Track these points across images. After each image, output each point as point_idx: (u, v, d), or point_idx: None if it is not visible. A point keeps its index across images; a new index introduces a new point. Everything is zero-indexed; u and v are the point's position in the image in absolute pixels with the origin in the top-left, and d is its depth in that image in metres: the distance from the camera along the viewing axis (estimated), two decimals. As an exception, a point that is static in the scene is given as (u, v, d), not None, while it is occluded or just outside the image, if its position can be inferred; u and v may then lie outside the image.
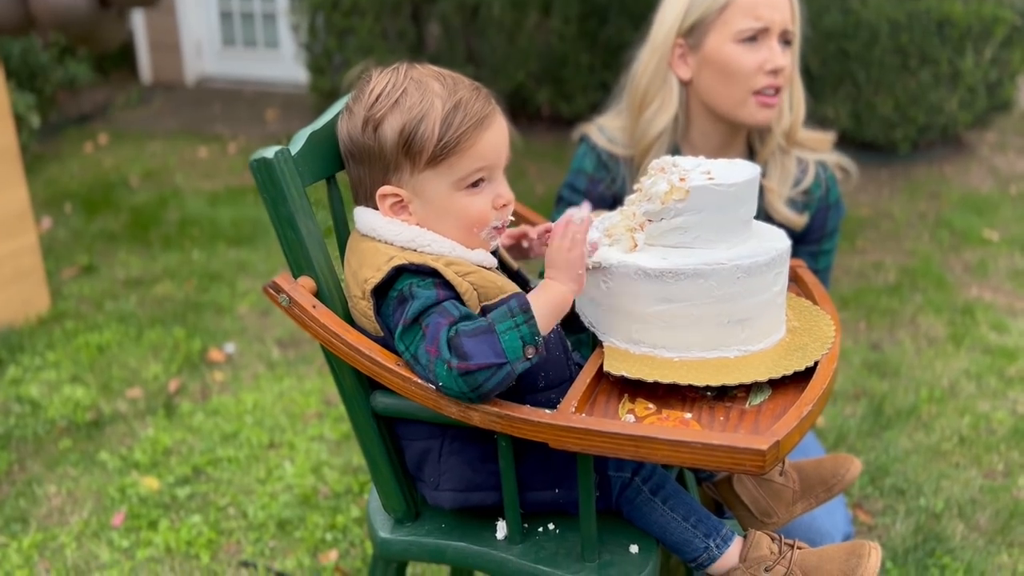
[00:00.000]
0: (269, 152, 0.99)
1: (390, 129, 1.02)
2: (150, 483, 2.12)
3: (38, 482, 2.13)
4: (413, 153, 1.02)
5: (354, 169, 1.08)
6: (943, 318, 2.97)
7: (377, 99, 1.03)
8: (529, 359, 0.93)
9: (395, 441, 1.13)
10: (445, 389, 0.94)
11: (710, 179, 1.04)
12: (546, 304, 0.97)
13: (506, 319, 0.93)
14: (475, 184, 1.04)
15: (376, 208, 1.06)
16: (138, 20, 6.43)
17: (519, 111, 5.31)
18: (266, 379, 2.59)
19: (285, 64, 6.46)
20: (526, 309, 0.94)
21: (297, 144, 1.05)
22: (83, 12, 2.74)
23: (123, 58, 6.64)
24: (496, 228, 1.06)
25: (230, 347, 2.77)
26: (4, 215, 2.79)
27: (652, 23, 1.58)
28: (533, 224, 1.27)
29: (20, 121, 4.00)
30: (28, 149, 4.16)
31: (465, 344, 0.92)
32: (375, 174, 1.05)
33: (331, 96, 5.23)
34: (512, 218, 1.10)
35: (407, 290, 0.98)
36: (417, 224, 1.04)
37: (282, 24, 6.36)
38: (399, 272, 0.99)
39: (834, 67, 4.50)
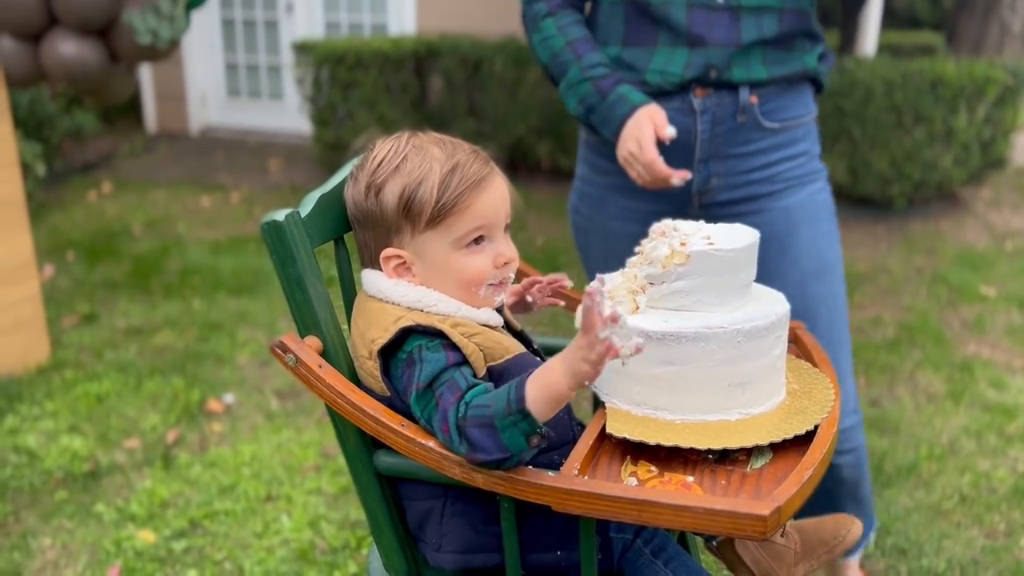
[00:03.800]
0: (279, 215, 1.02)
1: (391, 193, 1.05)
2: (146, 536, 2.10)
3: (32, 534, 2.11)
4: (413, 215, 1.05)
5: (360, 233, 1.11)
6: (942, 374, 2.98)
7: (379, 165, 1.07)
8: (535, 447, 0.93)
9: (397, 501, 1.13)
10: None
11: (710, 244, 1.06)
12: (544, 400, 0.91)
13: (505, 416, 0.91)
14: (475, 242, 1.07)
15: (381, 270, 1.08)
16: (145, 71, 6.54)
17: (519, 164, 5.38)
18: (264, 430, 2.59)
19: (289, 115, 6.56)
20: (522, 408, 0.90)
21: (307, 206, 1.07)
22: (94, 66, 2.79)
23: (129, 108, 6.74)
24: (493, 285, 1.08)
25: (229, 397, 2.77)
26: (8, 264, 2.81)
27: None
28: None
29: (26, 170, 4.05)
30: (33, 197, 4.21)
31: (472, 435, 0.92)
32: (379, 237, 1.08)
33: (334, 147, 5.31)
34: (511, 275, 1.12)
35: (416, 353, 0.99)
36: (420, 284, 1.07)
37: (286, 76, 6.48)
38: (406, 333, 1.01)
39: (831, 124, 4.58)
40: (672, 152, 1.52)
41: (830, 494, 1.72)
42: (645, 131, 1.45)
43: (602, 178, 1.66)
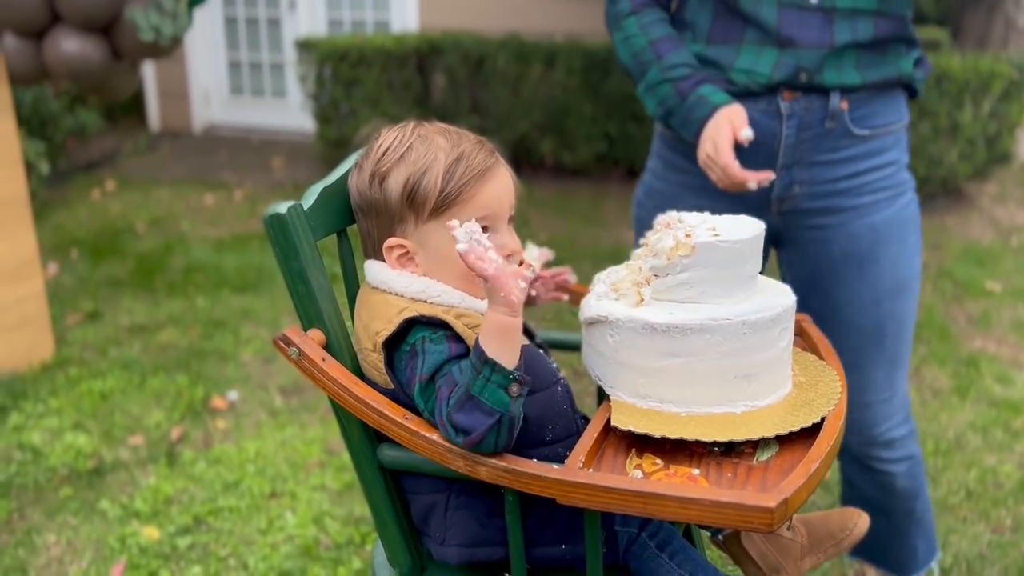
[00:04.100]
0: (282, 207, 1.01)
1: (395, 182, 1.05)
2: (150, 533, 2.10)
3: (37, 531, 2.11)
4: (417, 204, 1.05)
5: (363, 223, 1.11)
6: (947, 370, 2.97)
7: (384, 154, 1.07)
8: (519, 395, 0.93)
9: (401, 495, 1.13)
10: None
11: (715, 235, 1.05)
12: (494, 338, 0.92)
13: (475, 378, 0.91)
14: None
15: (384, 261, 1.08)
16: (148, 69, 6.54)
17: (523, 161, 5.37)
18: (268, 427, 2.58)
19: (292, 113, 6.55)
20: (485, 359, 0.91)
21: (309, 199, 1.07)
22: (97, 64, 2.79)
23: (132, 106, 6.74)
24: None
25: (233, 394, 2.77)
26: (12, 262, 2.81)
27: None
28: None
29: (30, 168, 4.05)
30: (37, 196, 4.21)
31: (458, 419, 0.92)
32: (382, 226, 1.08)
33: (337, 145, 5.30)
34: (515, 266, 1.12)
35: (419, 345, 0.99)
36: (424, 275, 1.06)
37: (289, 74, 6.47)
38: (410, 324, 1.00)
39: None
40: (754, 156, 1.47)
41: (884, 507, 1.70)
42: (723, 132, 1.41)
43: (676, 175, 1.60)
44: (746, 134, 1.40)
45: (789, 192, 1.52)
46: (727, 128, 1.41)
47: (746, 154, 1.45)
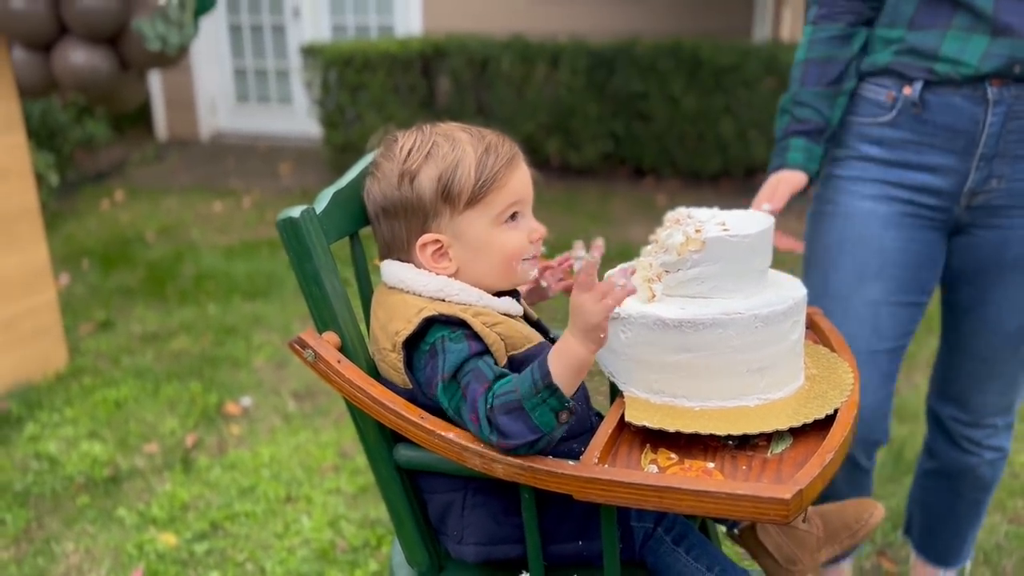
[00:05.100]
0: (295, 211, 1.02)
1: (427, 179, 1.07)
2: (168, 539, 2.11)
3: (56, 540, 2.13)
4: (452, 197, 1.06)
5: (387, 226, 1.11)
6: (959, 361, 2.96)
7: (409, 154, 1.09)
8: (564, 423, 0.94)
9: (418, 494, 1.14)
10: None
11: (725, 230, 1.06)
12: (568, 369, 0.93)
13: (532, 395, 0.92)
14: (511, 218, 1.09)
15: (410, 262, 1.09)
16: (155, 78, 6.58)
17: (528, 161, 5.39)
18: (282, 432, 2.60)
19: (298, 119, 6.58)
20: (549, 383, 0.92)
21: (322, 203, 1.08)
22: (104, 74, 2.81)
23: (139, 116, 6.78)
24: (527, 260, 1.11)
25: (246, 400, 2.78)
26: (25, 273, 2.84)
27: None
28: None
29: (39, 180, 4.08)
30: (47, 207, 4.24)
31: (501, 422, 0.93)
32: (413, 225, 1.09)
33: (344, 149, 5.33)
34: (542, 250, 1.15)
35: (439, 344, 1.00)
36: (458, 268, 1.08)
37: (295, 80, 6.50)
38: (429, 323, 1.01)
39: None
40: (951, 144, 1.39)
41: (956, 488, 1.71)
42: (759, 197, 1.42)
43: (863, 162, 1.52)
44: (765, 208, 1.38)
45: (985, 186, 1.41)
46: (763, 195, 1.42)
47: (943, 142, 1.37)
